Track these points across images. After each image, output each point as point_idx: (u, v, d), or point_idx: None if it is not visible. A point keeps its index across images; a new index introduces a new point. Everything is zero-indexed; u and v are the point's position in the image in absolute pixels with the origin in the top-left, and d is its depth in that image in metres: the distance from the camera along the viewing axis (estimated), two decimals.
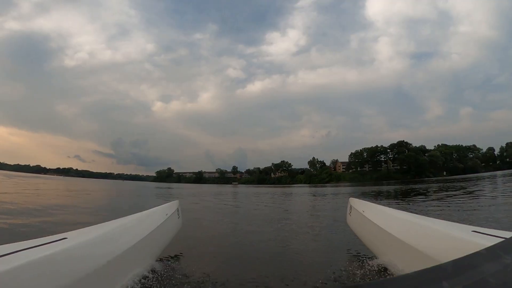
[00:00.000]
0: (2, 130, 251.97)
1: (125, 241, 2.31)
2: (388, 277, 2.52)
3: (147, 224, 2.91)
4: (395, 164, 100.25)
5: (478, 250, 0.74)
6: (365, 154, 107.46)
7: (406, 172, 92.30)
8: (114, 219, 2.74)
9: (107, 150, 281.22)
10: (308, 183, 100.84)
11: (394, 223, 2.80)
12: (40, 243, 1.67)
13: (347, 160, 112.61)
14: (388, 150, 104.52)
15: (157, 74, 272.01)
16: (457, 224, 2.51)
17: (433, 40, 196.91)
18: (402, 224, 2.71)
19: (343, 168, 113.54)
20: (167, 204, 3.87)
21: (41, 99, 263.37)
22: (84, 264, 1.74)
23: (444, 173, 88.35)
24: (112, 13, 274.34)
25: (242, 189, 39.98)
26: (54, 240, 1.78)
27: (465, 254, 0.71)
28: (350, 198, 4.26)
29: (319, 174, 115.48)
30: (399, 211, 3.33)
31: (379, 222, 2.97)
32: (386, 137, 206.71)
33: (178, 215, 3.96)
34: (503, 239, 1.40)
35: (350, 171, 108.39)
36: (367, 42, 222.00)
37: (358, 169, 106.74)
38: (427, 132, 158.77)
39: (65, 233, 2.01)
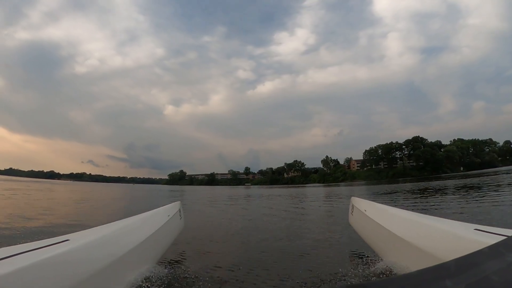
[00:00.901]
0: (17, 137, 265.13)
1: (128, 243, 2.31)
2: (390, 276, 2.51)
3: (149, 225, 2.92)
4: (410, 161, 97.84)
5: (481, 248, 0.74)
6: (380, 151, 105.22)
7: (422, 168, 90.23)
8: (116, 220, 2.76)
9: (120, 154, 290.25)
10: (322, 182, 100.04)
11: (396, 222, 2.80)
12: (43, 245, 1.68)
13: (362, 158, 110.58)
14: (404, 147, 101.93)
15: (168, 78, 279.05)
16: (460, 222, 2.50)
17: (443, 34, 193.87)
18: (404, 222, 2.71)
19: (357, 166, 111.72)
20: (169, 205, 3.87)
21: (54, 106, 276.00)
22: (87, 266, 1.74)
23: (461, 168, 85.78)
24: (121, 19, 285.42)
25: (254, 190, 38.31)
26: (56, 242, 1.79)
27: (468, 253, 0.72)
28: (352, 197, 4.26)
29: (333, 173, 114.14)
30: (401, 209, 3.32)
31: (381, 221, 2.98)
32: (399, 135, 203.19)
33: (180, 216, 3.96)
34: (506, 237, 1.35)
35: (365, 169, 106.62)
36: (376, 39, 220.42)
37: (373, 166, 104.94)
38: (440, 128, 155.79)
39: (67, 235, 2.03)
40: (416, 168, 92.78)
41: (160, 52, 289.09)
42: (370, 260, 3.16)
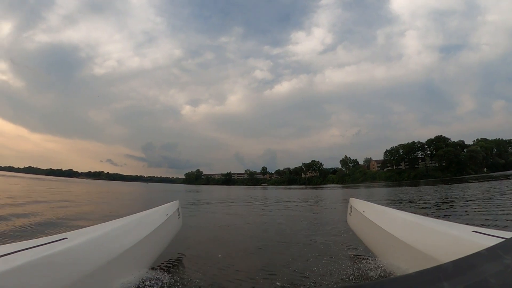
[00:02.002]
0: (37, 137, 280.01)
1: (126, 241, 2.31)
2: (388, 277, 2.53)
3: (148, 224, 2.92)
4: (433, 161, 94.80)
5: (478, 250, 0.74)
6: (401, 151, 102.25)
7: (445, 169, 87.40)
8: (115, 219, 2.77)
9: (138, 154, 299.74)
10: (341, 183, 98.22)
11: (394, 223, 2.81)
12: (41, 243, 1.67)
13: (381, 158, 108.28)
14: (426, 146, 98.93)
15: (185, 78, 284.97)
16: (458, 224, 2.51)
17: (462, 32, 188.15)
18: (403, 224, 2.72)
19: (377, 167, 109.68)
20: (167, 204, 3.85)
21: (73, 106, 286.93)
22: (85, 264, 1.74)
23: (485, 169, 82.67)
24: (139, 21, 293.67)
25: (271, 191, 36.15)
26: (55, 240, 1.78)
27: (465, 255, 0.72)
28: (351, 198, 4.24)
29: (352, 173, 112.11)
30: (400, 211, 3.34)
31: (380, 222, 2.98)
32: (418, 135, 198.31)
33: (179, 215, 3.95)
34: (504, 239, 1.44)
35: (385, 169, 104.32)
36: (394, 37, 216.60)
37: (394, 167, 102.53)
38: (460, 128, 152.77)
39: (66, 233, 2.02)
40: (439, 168, 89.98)
41: (177, 53, 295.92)
42: (368, 261, 3.15)
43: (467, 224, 2.90)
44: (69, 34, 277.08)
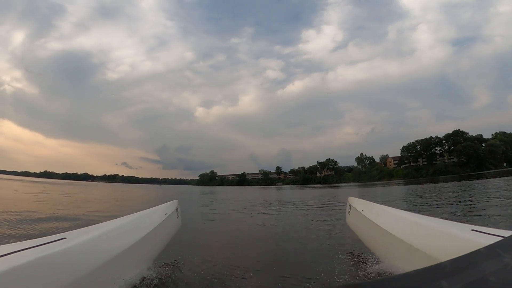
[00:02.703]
0: (53, 142, 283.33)
1: (124, 241, 2.30)
2: (387, 276, 2.53)
3: (146, 223, 2.92)
4: (451, 157, 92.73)
5: (477, 249, 0.74)
6: (418, 147, 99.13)
7: (464, 164, 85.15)
8: (113, 219, 2.76)
9: (153, 156, 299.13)
10: (357, 181, 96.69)
11: (393, 222, 2.81)
12: (39, 243, 1.67)
13: (398, 155, 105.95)
14: (443, 142, 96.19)
15: (198, 80, 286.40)
16: (456, 223, 2.51)
17: (474, 24, 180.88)
18: (401, 223, 2.71)
19: (394, 164, 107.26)
20: (166, 203, 3.83)
21: (88, 111, 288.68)
22: (83, 264, 1.74)
23: (504, 164, 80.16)
24: (150, 26, 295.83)
25: (286, 192, 34.01)
26: (53, 240, 1.78)
27: (464, 253, 0.72)
28: (349, 197, 4.24)
29: (368, 171, 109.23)
30: (398, 209, 3.34)
31: (378, 221, 2.98)
32: (433, 131, 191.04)
33: (177, 214, 3.93)
34: (502, 238, 1.41)
35: (403, 166, 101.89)
36: (406, 32, 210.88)
37: (411, 164, 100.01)
38: (477, 122, 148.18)
39: (64, 233, 2.01)
40: (458, 164, 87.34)
41: (189, 55, 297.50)
42: (367, 260, 3.17)
43: (465, 222, 2.87)
44: (82, 41, 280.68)
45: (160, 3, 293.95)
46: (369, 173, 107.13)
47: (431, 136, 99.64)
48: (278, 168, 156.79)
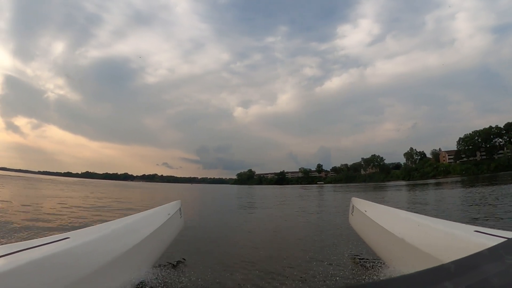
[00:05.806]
0: (96, 144, 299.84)
1: (128, 241, 2.32)
2: (390, 276, 2.50)
3: (150, 223, 2.93)
4: None
5: (480, 250, 0.73)
6: (477, 139, 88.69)
7: None
8: (117, 218, 2.77)
9: (193, 156, 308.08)
10: (407, 179, 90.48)
11: (396, 222, 2.79)
12: (43, 243, 1.70)
13: (449, 149, 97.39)
14: (503, 132, 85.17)
15: (235, 81, 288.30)
16: (460, 224, 2.49)
17: None
18: (405, 223, 2.70)
19: (449, 159, 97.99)
20: (169, 203, 3.85)
21: (129, 114, 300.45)
22: (87, 263, 1.75)
23: None
24: (185, 29, 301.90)
25: (329, 193, 29.67)
26: (57, 239, 1.81)
27: (467, 254, 0.71)
28: (353, 197, 4.24)
29: (420, 167, 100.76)
30: (401, 210, 3.31)
31: (381, 221, 2.96)
32: (477, 125, 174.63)
33: (180, 214, 3.94)
34: (506, 239, 1.43)
35: (459, 161, 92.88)
36: (444, 21, 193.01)
37: (470, 158, 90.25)
38: None
39: (68, 232, 2.06)
40: None
41: (225, 56, 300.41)
42: (370, 260, 3.14)
43: (469, 224, 2.83)
44: (120, 48, 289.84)
45: (193, 7, 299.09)
46: (421, 169, 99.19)
47: (490, 126, 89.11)
48: (319, 166, 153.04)
